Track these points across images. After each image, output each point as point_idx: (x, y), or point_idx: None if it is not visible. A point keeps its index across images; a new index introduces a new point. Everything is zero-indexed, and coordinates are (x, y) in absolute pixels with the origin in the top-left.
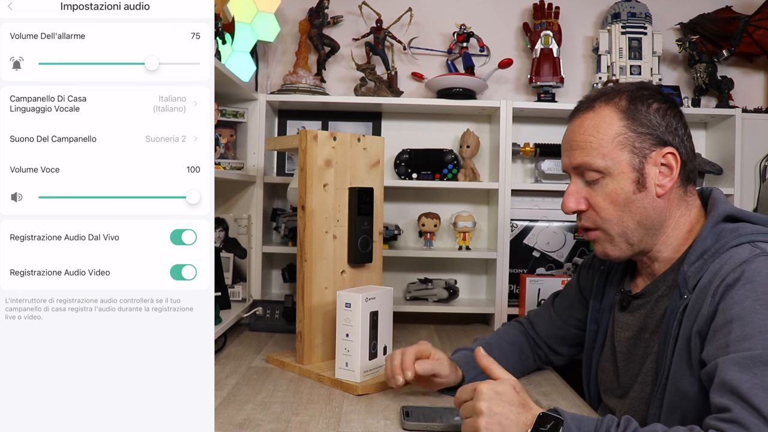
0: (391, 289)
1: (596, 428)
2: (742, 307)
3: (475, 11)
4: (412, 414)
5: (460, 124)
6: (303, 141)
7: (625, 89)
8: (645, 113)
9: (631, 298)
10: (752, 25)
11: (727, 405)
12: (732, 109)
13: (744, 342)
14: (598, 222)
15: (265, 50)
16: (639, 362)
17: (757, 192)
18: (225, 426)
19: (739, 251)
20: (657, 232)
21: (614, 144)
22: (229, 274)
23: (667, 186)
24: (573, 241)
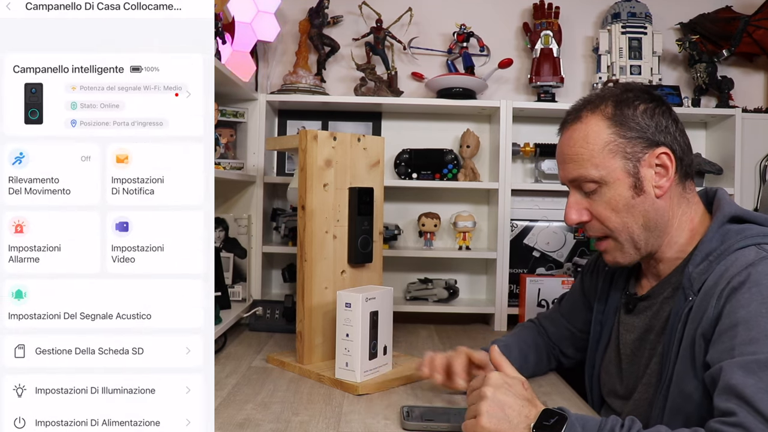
0: (391, 289)
1: (600, 427)
2: (748, 311)
3: (475, 11)
4: (412, 414)
5: (460, 124)
6: (303, 141)
7: (609, 95)
8: (632, 117)
9: (636, 301)
10: (752, 25)
11: (731, 409)
12: (732, 109)
13: (749, 346)
14: (605, 230)
15: (265, 50)
16: (643, 364)
17: (757, 192)
18: (225, 426)
19: (745, 253)
20: (662, 233)
21: (605, 153)
22: (229, 274)
23: (665, 186)
24: (573, 241)
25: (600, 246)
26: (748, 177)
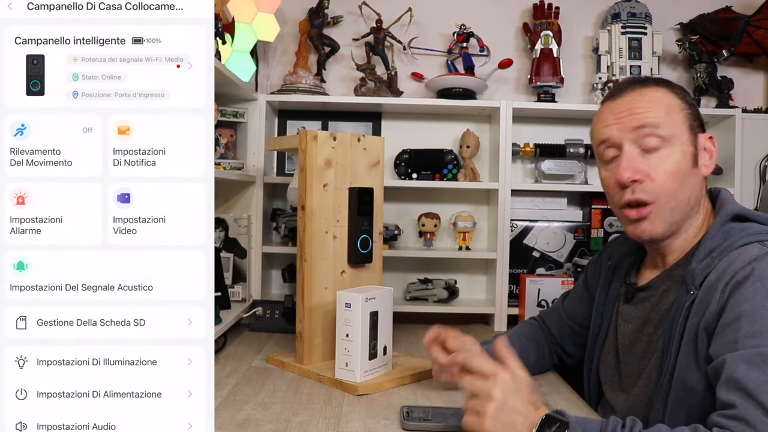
0: (391, 289)
1: (601, 429)
2: (752, 304)
3: (475, 11)
4: (412, 414)
5: (460, 124)
6: (303, 141)
7: (662, 79)
8: (691, 99)
9: (636, 291)
10: (752, 25)
11: (732, 401)
12: (732, 109)
13: (753, 339)
14: (656, 194)
15: (265, 50)
16: (640, 356)
17: (757, 192)
18: (225, 426)
19: (748, 250)
20: (693, 213)
21: (680, 115)
22: (229, 274)
23: (711, 169)
24: (573, 241)
25: (643, 212)
26: (748, 177)
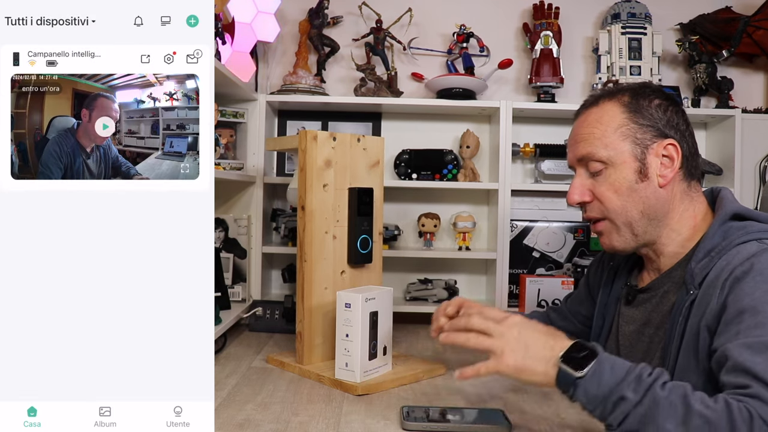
0: (391, 289)
1: (629, 370)
2: (753, 298)
3: (475, 11)
4: (412, 414)
5: (460, 124)
6: (303, 141)
7: (628, 87)
8: (647, 107)
9: (636, 292)
10: (752, 26)
11: (744, 383)
12: (732, 109)
13: (755, 329)
14: (604, 211)
15: (265, 50)
16: (641, 357)
17: (757, 192)
18: (225, 426)
19: (746, 247)
20: (660, 223)
21: (617, 135)
22: (229, 275)
23: (669, 176)
24: (573, 241)
25: (597, 228)
26: (748, 177)
